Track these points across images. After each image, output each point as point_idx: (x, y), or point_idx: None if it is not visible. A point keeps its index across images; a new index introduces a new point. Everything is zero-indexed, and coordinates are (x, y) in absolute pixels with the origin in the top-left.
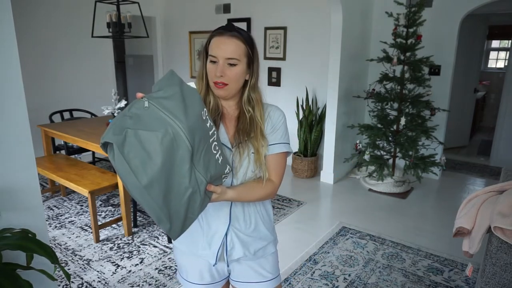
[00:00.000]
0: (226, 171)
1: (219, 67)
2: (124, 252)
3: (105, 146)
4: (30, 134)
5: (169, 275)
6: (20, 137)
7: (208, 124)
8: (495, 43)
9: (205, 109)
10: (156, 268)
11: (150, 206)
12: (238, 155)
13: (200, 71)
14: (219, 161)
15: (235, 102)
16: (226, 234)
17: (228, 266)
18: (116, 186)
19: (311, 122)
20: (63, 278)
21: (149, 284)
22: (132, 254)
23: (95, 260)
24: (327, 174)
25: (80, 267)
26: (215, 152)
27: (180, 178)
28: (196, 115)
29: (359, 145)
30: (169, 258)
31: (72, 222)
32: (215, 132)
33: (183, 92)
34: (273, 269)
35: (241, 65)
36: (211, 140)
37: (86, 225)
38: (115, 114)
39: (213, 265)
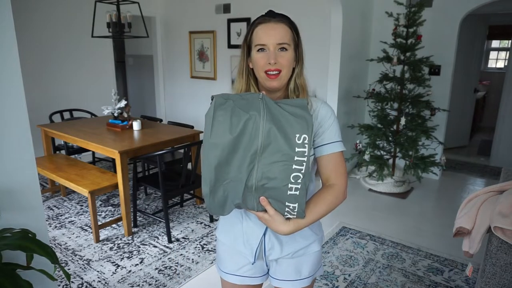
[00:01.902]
0: (289, 206)
1: (271, 54)
2: (124, 252)
3: (212, 99)
4: (30, 134)
5: (169, 275)
6: (20, 137)
7: (300, 150)
8: (495, 43)
9: (305, 135)
10: (156, 268)
11: (205, 162)
12: None
13: (240, 67)
14: (288, 192)
15: (279, 95)
16: (264, 234)
17: (267, 265)
18: (116, 186)
19: None
20: (63, 278)
21: (149, 284)
22: (132, 254)
23: (95, 260)
24: None
25: (80, 267)
26: (293, 181)
27: (238, 161)
28: (291, 133)
29: (359, 145)
30: (169, 258)
31: (72, 222)
32: (306, 164)
33: (296, 114)
34: (312, 268)
35: (291, 51)
36: (294, 166)
37: (86, 225)
38: (115, 114)
39: (252, 264)
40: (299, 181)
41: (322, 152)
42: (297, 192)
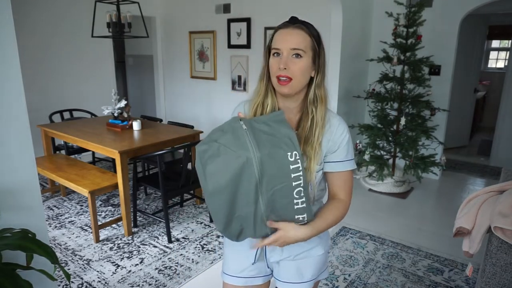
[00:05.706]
0: (298, 218)
1: (283, 59)
2: (124, 252)
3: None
4: (30, 134)
5: (169, 275)
6: (20, 137)
7: (294, 166)
8: (495, 43)
9: (295, 152)
10: (156, 268)
11: (211, 209)
12: None
13: (262, 71)
14: (295, 207)
15: (297, 104)
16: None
17: (268, 267)
18: (116, 186)
19: None
20: (63, 278)
21: (149, 284)
22: (132, 254)
23: (95, 260)
24: None
25: (80, 267)
26: (297, 196)
27: (243, 196)
28: (282, 154)
29: (359, 145)
30: (169, 258)
31: (72, 222)
32: (303, 177)
33: (279, 133)
34: (315, 272)
35: (306, 58)
36: (294, 183)
37: (86, 225)
38: (115, 114)
39: (252, 264)
40: (302, 194)
41: (333, 169)
42: (304, 205)
